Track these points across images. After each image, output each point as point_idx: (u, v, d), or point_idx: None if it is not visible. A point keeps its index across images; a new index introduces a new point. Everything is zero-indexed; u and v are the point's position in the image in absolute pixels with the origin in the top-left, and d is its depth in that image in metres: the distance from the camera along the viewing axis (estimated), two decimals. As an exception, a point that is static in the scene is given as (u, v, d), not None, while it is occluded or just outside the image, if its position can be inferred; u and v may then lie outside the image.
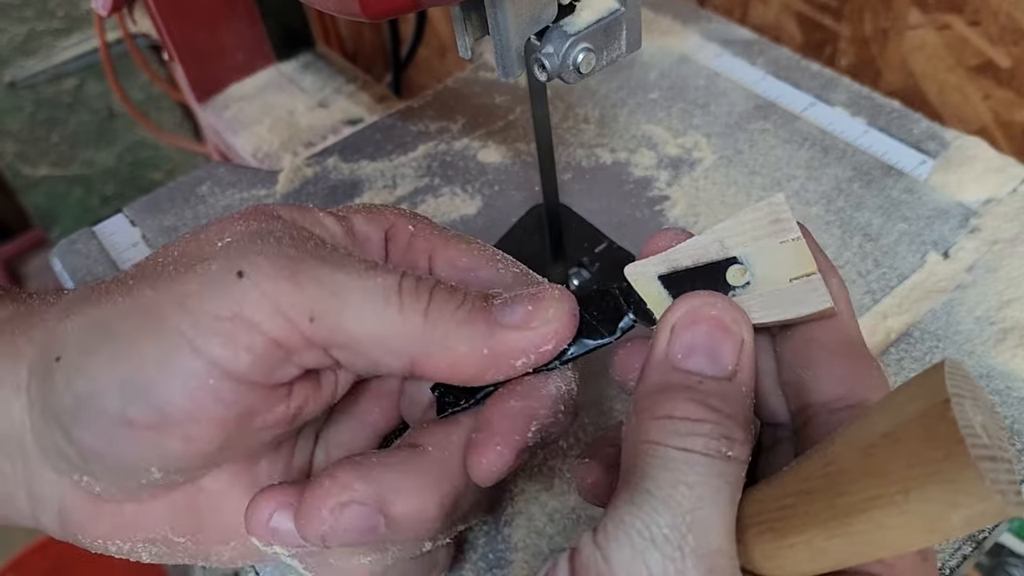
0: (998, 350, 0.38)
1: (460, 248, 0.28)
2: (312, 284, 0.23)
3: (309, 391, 0.26)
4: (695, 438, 0.21)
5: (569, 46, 0.31)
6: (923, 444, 0.17)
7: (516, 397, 0.25)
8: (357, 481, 0.24)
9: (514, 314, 0.24)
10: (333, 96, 0.59)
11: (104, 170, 1.17)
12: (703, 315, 0.23)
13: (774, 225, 0.23)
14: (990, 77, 0.52)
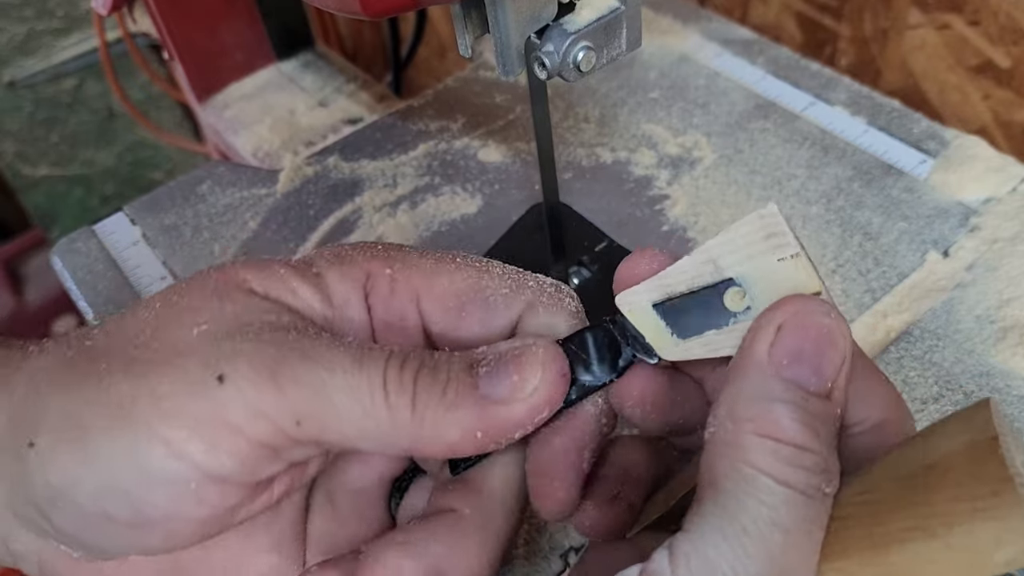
0: (998, 349, 0.38)
1: (444, 284, 0.27)
2: (295, 387, 0.22)
3: (295, 475, 0.25)
4: (799, 471, 0.19)
5: (569, 44, 0.31)
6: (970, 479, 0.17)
7: (558, 434, 0.25)
8: (405, 560, 0.24)
9: (501, 387, 0.23)
10: (333, 95, 0.59)
11: (104, 170, 1.17)
12: (813, 321, 0.21)
13: (769, 240, 0.21)
14: (990, 77, 0.52)
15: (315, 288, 0.26)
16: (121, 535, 0.23)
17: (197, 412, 0.22)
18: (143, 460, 0.22)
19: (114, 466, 0.22)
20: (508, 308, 0.26)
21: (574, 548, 0.33)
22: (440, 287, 0.27)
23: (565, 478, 0.24)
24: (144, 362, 0.23)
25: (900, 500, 0.18)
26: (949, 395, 0.37)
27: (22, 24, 1.02)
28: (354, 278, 0.27)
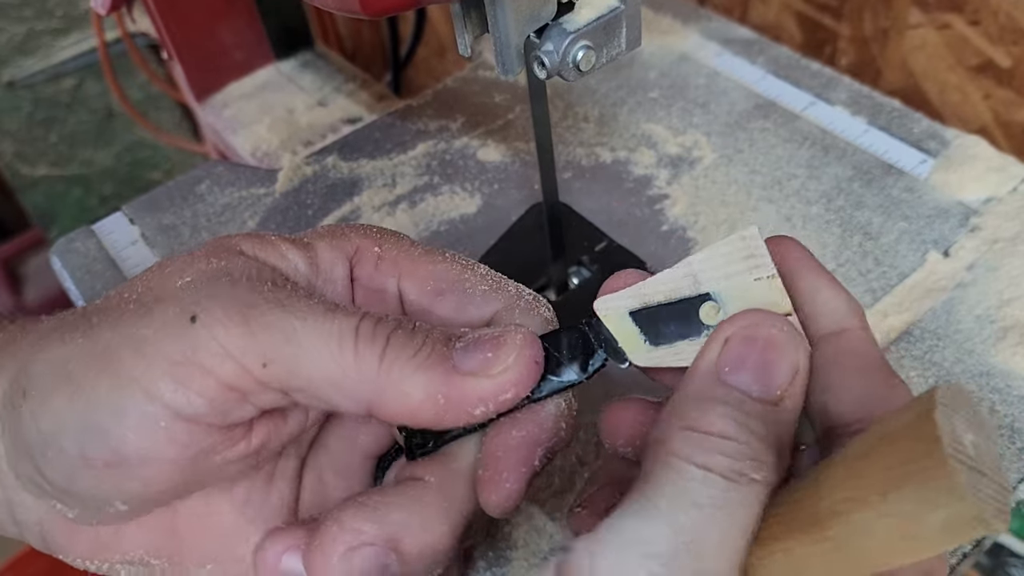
0: (998, 348, 0.38)
1: (428, 269, 0.28)
2: (265, 330, 0.23)
3: (272, 427, 0.26)
4: (719, 457, 0.20)
5: (569, 44, 0.30)
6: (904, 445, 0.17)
7: (516, 427, 0.25)
8: (365, 523, 0.24)
9: (472, 361, 0.24)
10: (332, 95, 0.59)
11: (103, 170, 1.17)
12: (761, 332, 0.22)
13: (748, 261, 0.23)
14: (990, 77, 0.52)
15: (303, 253, 0.27)
16: (102, 479, 0.23)
17: (169, 353, 0.23)
18: (118, 400, 0.23)
19: (94, 407, 0.23)
20: (485, 303, 0.27)
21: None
22: (423, 270, 0.28)
23: (515, 471, 0.24)
24: (130, 313, 0.24)
25: (841, 475, 0.19)
26: (949, 395, 0.37)
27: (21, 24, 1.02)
28: (343, 249, 0.28)
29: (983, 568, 0.56)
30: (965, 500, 0.16)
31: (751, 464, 0.20)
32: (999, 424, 0.35)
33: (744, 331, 0.22)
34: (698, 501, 0.20)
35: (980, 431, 0.17)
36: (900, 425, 0.17)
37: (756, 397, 0.22)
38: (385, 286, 0.28)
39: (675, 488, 0.20)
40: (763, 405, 0.22)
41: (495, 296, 0.27)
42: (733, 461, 0.20)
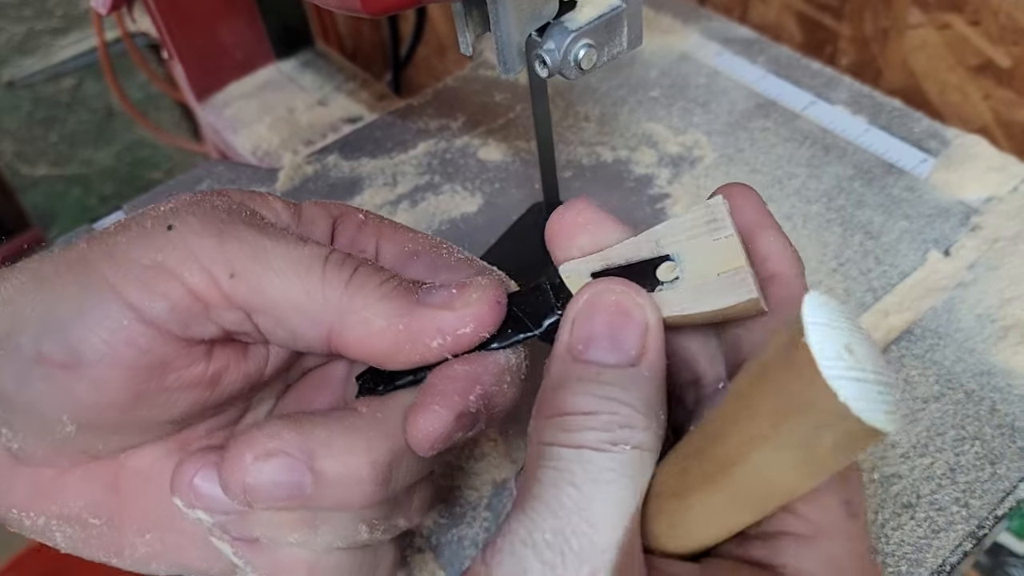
0: (999, 348, 0.38)
1: (407, 236, 0.29)
2: (236, 243, 0.24)
3: (231, 357, 0.26)
4: (586, 432, 0.21)
5: (570, 42, 0.30)
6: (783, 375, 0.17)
7: (461, 362, 0.25)
8: (286, 431, 0.23)
9: (437, 296, 0.24)
10: (333, 94, 0.59)
11: (103, 169, 1.17)
12: (602, 302, 0.22)
13: (710, 224, 0.23)
14: (990, 77, 0.52)
15: (288, 206, 0.28)
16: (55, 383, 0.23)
17: (139, 256, 0.23)
18: (83, 296, 0.23)
19: (58, 302, 0.23)
20: (457, 271, 0.27)
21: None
22: (402, 236, 0.29)
23: (448, 399, 0.24)
24: (109, 231, 0.25)
25: (735, 417, 0.19)
26: (950, 394, 0.37)
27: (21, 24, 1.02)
28: (328, 208, 0.29)
29: (982, 568, 0.56)
30: (849, 416, 0.15)
31: (624, 432, 0.21)
32: (999, 423, 0.35)
33: (585, 307, 0.23)
34: (575, 480, 0.20)
35: (854, 334, 0.17)
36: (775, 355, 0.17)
37: (613, 364, 0.22)
38: (364, 247, 0.28)
39: (552, 475, 0.20)
40: (622, 370, 0.22)
41: (468, 264, 0.28)
42: (602, 432, 0.21)
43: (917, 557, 0.32)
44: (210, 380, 0.25)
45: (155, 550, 0.27)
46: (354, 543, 0.26)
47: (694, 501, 0.20)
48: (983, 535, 0.33)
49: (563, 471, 0.20)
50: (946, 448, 0.35)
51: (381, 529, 0.26)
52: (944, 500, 0.33)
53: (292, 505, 0.24)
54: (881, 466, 0.35)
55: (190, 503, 0.25)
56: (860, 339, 0.17)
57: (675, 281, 0.24)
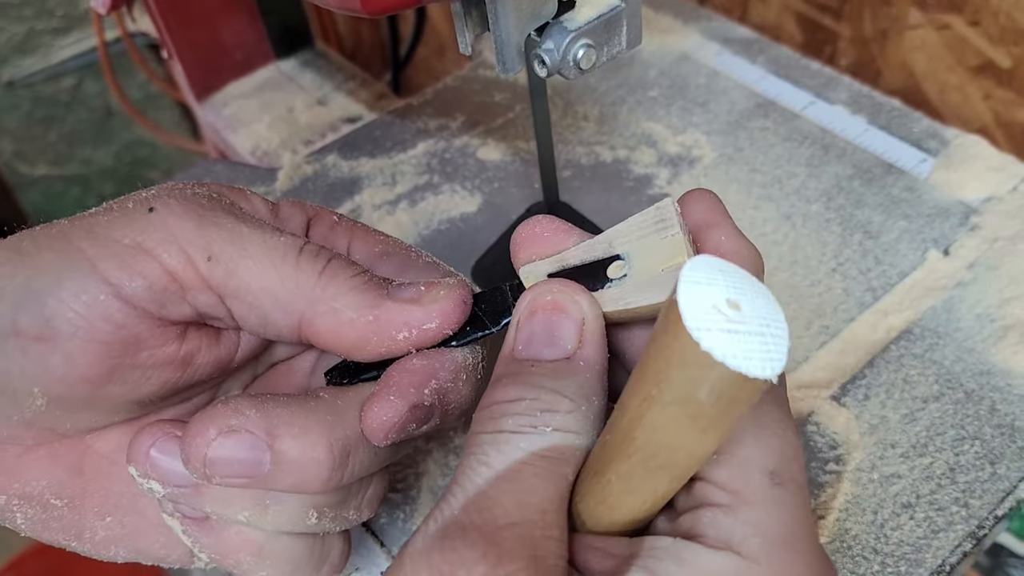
0: (998, 347, 0.38)
1: (378, 238, 0.29)
2: (214, 228, 0.24)
3: (204, 340, 0.26)
4: (506, 418, 0.21)
5: (569, 42, 0.30)
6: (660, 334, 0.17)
7: (419, 357, 0.26)
8: (249, 408, 0.24)
9: (406, 292, 0.25)
10: (333, 94, 0.59)
11: (102, 169, 1.17)
12: (540, 303, 0.24)
13: (659, 224, 0.24)
14: (990, 77, 0.52)
15: (266, 201, 0.29)
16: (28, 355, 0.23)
17: (120, 235, 0.24)
18: (62, 269, 0.24)
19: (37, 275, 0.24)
20: (425, 272, 0.28)
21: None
22: (372, 240, 0.29)
23: (403, 390, 0.25)
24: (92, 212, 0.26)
25: (633, 383, 0.19)
26: (950, 393, 0.37)
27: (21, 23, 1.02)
28: (304, 209, 0.30)
29: (982, 568, 0.56)
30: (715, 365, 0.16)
31: (545, 416, 0.21)
32: (999, 423, 0.35)
33: (526, 309, 0.24)
34: (487, 461, 0.21)
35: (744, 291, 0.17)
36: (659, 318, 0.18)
37: (550, 360, 0.23)
38: (336, 246, 0.29)
39: (471, 460, 0.21)
40: (556, 363, 0.23)
41: (436, 268, 0.29)
42: (522, 417, 0.21)
43: (916, 557, 0.32)
44: (182, 361, 0.26)
45: (115, 534, 0.27)
46: (303, 529, 0.26)
47: (611, 474, 0.21)
48: (983, 535, 0.33)
49: (480, 455, 0.21)
50: (946, 448, 0.35)
51: (330, 517, 0.27)
52: (944, 500, 0.33)
53: (248, 483, 0.24)
54: (880, 466, 0.35)
55: (145, 473, 0.25)
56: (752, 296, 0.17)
57: (623, 278, 0.24)
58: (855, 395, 0.37)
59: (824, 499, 0.34)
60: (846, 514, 0.33)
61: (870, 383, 0.37)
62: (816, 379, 0.38)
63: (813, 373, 0.38)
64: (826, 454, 0.35)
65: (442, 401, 0.26)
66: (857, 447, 0.35)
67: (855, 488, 0.34)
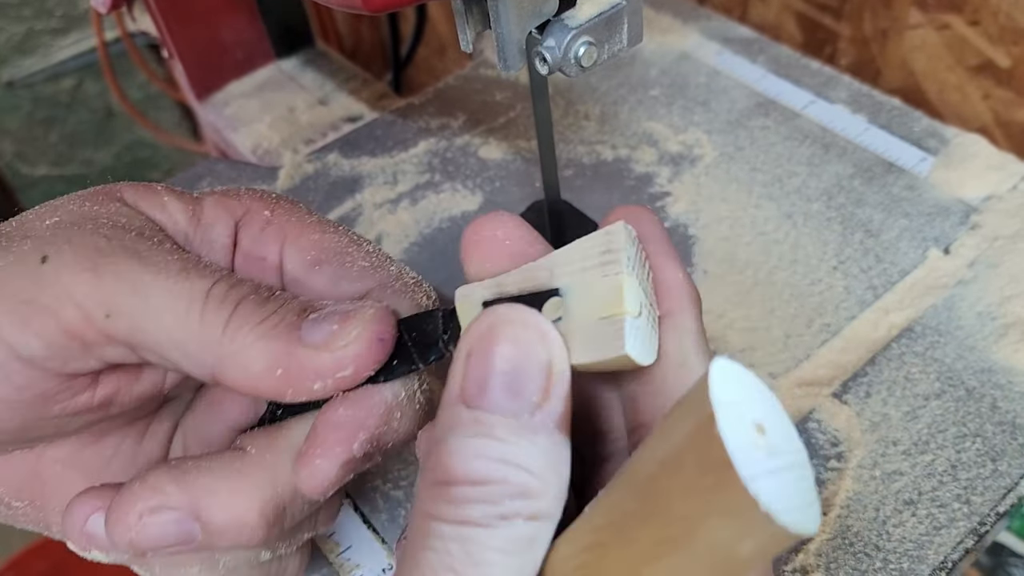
0: (999, 346, 0.38)
1: (313, 239, 0.27)
2: (112, 279, 0.22)
3: (121, 383, 0.25)
4: (472, 506, 0.18)
5: (570, 39, 0.30)
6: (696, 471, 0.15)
7: (345, 405, 0.23)
8: (169, 485, 0.23)
9: (318, 333, 0.23)
10: (333, 93, 0.59)
11: (102, 169, 1.17)
12: (500, 335, 0.19)
13: (604, 256, 0.21)
14: (990, 77, 0.52)
15: (187, 206, 0.26)
16: None
17: (16, 290, 0.22)
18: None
19: None
20: (360, 279, 0.26)
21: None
22: (308, 239, 0.27)
23: (330, 449, 0.23)
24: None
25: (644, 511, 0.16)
26: (951, 391, 0.37)
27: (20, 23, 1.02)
28: (230, 209, 0.27)
29: (983, 568, 0.56)
30: (773, 524, 0.14)
31: (516, 503, 0.18)
32: (1000, 420, 0.35)
33: (479, 343, 0.19)
34: (455, 565, 0.18)
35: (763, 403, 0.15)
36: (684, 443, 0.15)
37: (511, 413, 0.19)
38: (266, 253, 0.27)
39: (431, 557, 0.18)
40: (519, 420, 0.19)
41: (372, 273, 0.26)
42: (490, 506, 0.18)
43: (919, 554, 0.32)
44: (99, 405, 0.25)
45: None
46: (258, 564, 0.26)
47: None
48: (985, 532, 0.33)
49: (442, 553, 0.18)
50: (947, 445, 0.35)
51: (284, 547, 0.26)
52: (945, 497, 0.33)
53: (184, 551, 0.23)
54: (882, 463, 0.35)
55: (84, 547, 0.24)
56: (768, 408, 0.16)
57: (559, 322, 0.21)
58: (856, 393, 0.37)
59: (826, 496, 0.34)
60: (848, 511, 0.33)
61: (871, 381, 0.37)
62: (817, 377, 0.38)
63: (814, 371, 0.38)
64: (827, 451, 0.35)
65: (378, 445, 0.24)
66: (859, 444, 0.35)
67: (857, 485, 0.34)
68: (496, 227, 0.23)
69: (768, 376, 0.38)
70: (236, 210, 0.27)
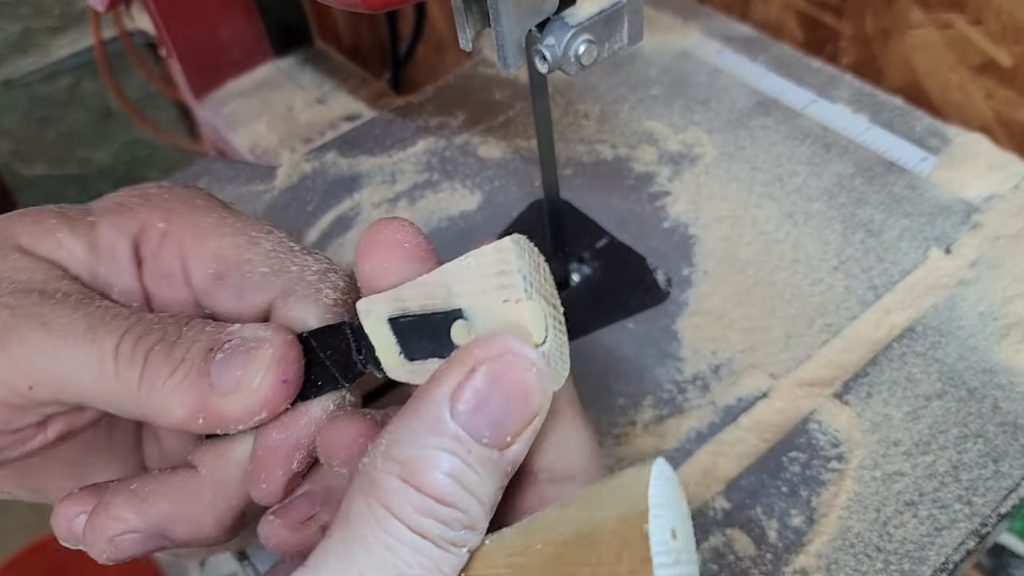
0: (1001, 346, 0.38)
1: (211, 248, 0.26)
2: (24, 354, 0.23)
3: (71, 417, 0.25)
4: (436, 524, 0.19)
5: (570, 37, 0.30)
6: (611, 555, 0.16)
7: (278, 429, 0.24)
8: (129, 513, 0.24)
9: (227, 380, 0.23)
10: (332, 92, 0.59)
11: (100, 169, 1.17)
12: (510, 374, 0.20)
13: (499, 278, 0.20)
14: (992, 76, 0.52)
15: (83, 238, 0.26)
16: None
17: None
18: None
19: None
20: (263, 289, 0.26)
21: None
22: (206, 250, 0.26)
23: (272, 472, 0.24)
24: None
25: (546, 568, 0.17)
26: (952, 391, 0.36)
27: (17, 22, 1.02)
28: (124, 228, 0.26)
29: (985, 569, 0.56)
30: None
31: (465, 533, 0.19)
32: (1002, 421, 0.35)
33: (494, 366, 0.20)
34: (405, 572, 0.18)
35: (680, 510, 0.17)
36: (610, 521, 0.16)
37: (485, 443, 0.19)
38: (170, 269, 0.27)
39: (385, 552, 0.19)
40: (490, 454, 0.19)
41: (273, 280, 0.26)
42: (448, 530, 0.19)
43: (920, 555, 0.32)
44: (56, 440, 0.25)
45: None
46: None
47: None
48: (986, 533, 0.33)
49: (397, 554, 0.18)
50: (949, 446, 0.35)
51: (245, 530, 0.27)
52: (947, 498, 0.33)
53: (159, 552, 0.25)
54: (883, 464, 0.35)
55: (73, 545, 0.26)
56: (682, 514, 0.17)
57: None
58: (857, 393, 0.37)
59: (827, 497, 0.34)
60: (849, 512, 0.33)
61: (872, 381, 0.37)
62: (818, 377, 0.38)
63: (815, 371, 0.38)
64: (828, 452, 0.35)
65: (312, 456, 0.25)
66: (860, 445, 0.35)
67: (858, 486, 0.34)
68: (396, 231, 0.23)
69: (769, 377, 0.38)
70: (130, 228, 0.26)
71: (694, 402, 0.38)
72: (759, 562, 0.32)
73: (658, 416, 0.37)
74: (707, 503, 0.34)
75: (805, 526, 0.33)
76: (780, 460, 0.35)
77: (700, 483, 0.35)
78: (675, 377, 0.39)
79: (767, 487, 0.34)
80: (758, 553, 0.33)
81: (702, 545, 0.33)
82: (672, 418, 0.37)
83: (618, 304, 0.42)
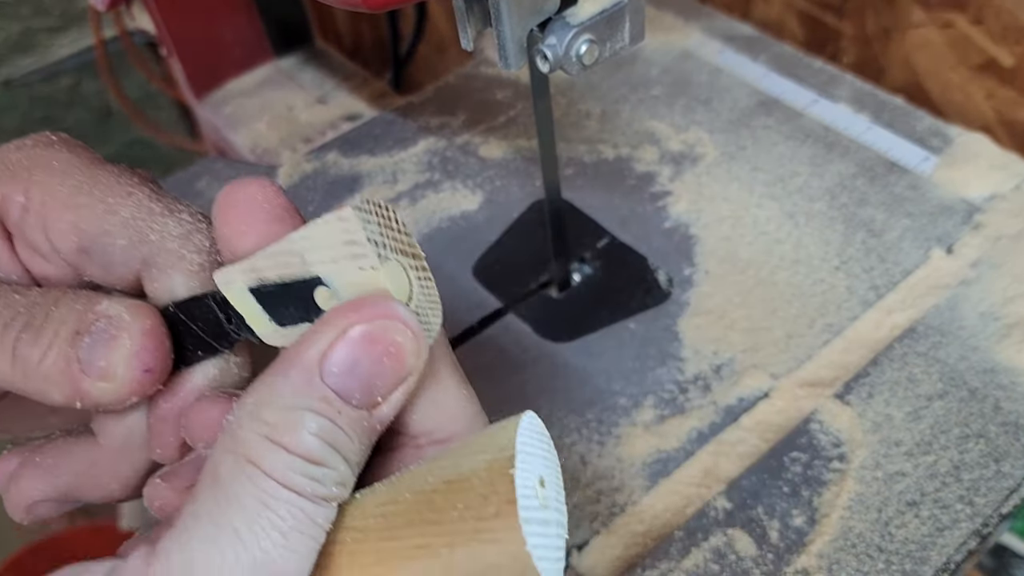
0: (1002, 345, 0.38)
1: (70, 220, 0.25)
2: None
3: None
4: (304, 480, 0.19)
5: (572, 37, 0.30)
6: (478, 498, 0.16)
7: (164, 397, 0.24)
8: (39, 484, 0.25)
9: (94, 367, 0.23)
10: (333, 92, 0.59)
11: (101, 168, 1.17)
12: (384, 336, 0.20)
13: (349, 247, 0.20)
14: (993, 76, 0.52)
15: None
16: None
17: None
18: None
19: None
20: (125, 263, 0.25)
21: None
22: (65, 224, 0.25)
23: (164, 438, 0.25)
24: None
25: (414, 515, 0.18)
26: (954, 391, 0.36)
27: (18, 22, 1.02)
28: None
29: (986, 569, 0.56)
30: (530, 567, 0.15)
31: (336, 489, 0.19)
32: (1004, 421, 0.35)
33: (366, 328, 0.20)
34: (280, 526, 0.19)
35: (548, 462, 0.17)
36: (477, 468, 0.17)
37: (355, 404, 0.20)
38: (37, 243, 0.25)
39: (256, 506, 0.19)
40: (359, 413, 0.20)
41: (134, 252, 0.25)
42: (320, 486, 0.19)
43: (922, 555, 0.32)
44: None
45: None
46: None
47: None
48: (988, 533, 0.33)
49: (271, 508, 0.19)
50: (950, 446, 0.35)
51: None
52: (949, 498, 0.33)
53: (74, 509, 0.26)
54: (885, 464, 0.35)
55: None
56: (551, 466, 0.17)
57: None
58: (859, 393, 0.37)
59: (828, 497, 0.34)
60: (850, 512, 0.33)
61: (874, 381, 0.37)
62: (820, 377, 0.38)
63: (816, 371, 0.38)
64: (830, 452, 0.35)
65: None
66: (861, 445, 0.35)
67: (859, 486, 0.34)
68: (255, 191, 0.22)
69: (770, 377, 0.38)
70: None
71: (695, 402, 0.38)
72: (760, 562, 0.32)
73: (659, 416, 0.37)
74: (708, 503, 0.34)
75: (807, 526, 0.33)
76: (781, 460, 0.35)
77: (701, 483, 0.35)
78: (676, 377, 0.39)
79: (768, 487, 0.34)
80: (759, 553, 0.33)
81: (703, 545, 0.33)
82: (673, 418, 0.37)
83: (619, 304, 0.42)
